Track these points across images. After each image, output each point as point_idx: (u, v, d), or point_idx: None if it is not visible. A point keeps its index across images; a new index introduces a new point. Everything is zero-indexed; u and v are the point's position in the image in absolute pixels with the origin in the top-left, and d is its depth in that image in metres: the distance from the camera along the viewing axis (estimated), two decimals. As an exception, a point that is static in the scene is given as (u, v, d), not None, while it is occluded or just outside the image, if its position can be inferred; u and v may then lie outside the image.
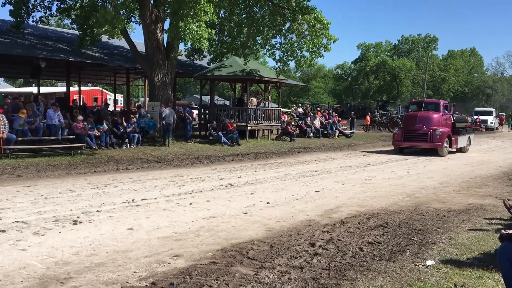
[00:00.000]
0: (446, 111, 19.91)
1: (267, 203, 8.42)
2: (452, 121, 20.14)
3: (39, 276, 4.58)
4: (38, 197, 8.36)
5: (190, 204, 8.16)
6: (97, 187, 9.50)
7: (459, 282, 4.65)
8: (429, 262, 5.23)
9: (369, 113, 40.50)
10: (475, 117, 47.41)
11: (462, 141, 20.20)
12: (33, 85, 36.39)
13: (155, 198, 8.54)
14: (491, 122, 46.98)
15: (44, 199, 8.19)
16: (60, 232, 6.10)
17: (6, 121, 13.50)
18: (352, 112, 36.80)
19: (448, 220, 7.42)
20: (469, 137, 21.40)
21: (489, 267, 5.01)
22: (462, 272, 4.95)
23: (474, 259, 5.36)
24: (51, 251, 5.33)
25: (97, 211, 7.38)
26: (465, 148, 20.82)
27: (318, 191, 9.77)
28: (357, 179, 11.70)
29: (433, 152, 18.50)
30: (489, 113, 48.86)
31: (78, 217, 6.93)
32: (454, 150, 19.66)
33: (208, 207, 7.97)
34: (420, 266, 5.14)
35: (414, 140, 19.00)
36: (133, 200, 8.29)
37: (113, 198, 8.45)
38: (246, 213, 7.59)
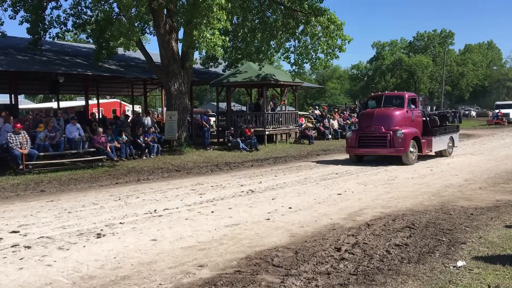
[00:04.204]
0: (414, 106, 15.68)
1: (290, 208, 8.33)
2: (424, 118, 16.05)
3: (65, 291, 4.58)
4: (62, 211, 8.43)
5: (212, 212, 8.12)
6: (119, 199, 9.55)
7: (493, 283, 4.49)
8: (460, 263, 5.08)
9: None
10: (497, 110, 46.55)
11: (439, 143, 15.96)
12: (53, 100, 37.01)
13: (177, 208, 8.53)
14: (514, 115, 45.91)
15: (67, 213, 8.26)
16: (84, 246, 6.11)
17: (28, 137, 13.73)
18: None
19: (477, 218, 7.21)
20: (451, 137, 16.95)
21: (523, 266, 4.85)
22: (495, 272, 4.78)
23: (507, 258, 5.18)
24: (76, 266, 5.33)
25: (120, 223, 7.39)
26: (447, 151, 16.59)
27: (340, 194, 9.64)
28: (379, 180, 11.52)
29: (398, 159, 14.62)
30: (510, 106, 47.85)
31: (101, 230, 6.95)
32: (433, 154, 16.18)
33: (230, 214, 7.92)
34: (451, 267, 4.99)
35: (371, 146, 15.06)
36: (155, 210, 8.29)
37: (135, 209, 8.47)
38: (268, 219, 7.52)
